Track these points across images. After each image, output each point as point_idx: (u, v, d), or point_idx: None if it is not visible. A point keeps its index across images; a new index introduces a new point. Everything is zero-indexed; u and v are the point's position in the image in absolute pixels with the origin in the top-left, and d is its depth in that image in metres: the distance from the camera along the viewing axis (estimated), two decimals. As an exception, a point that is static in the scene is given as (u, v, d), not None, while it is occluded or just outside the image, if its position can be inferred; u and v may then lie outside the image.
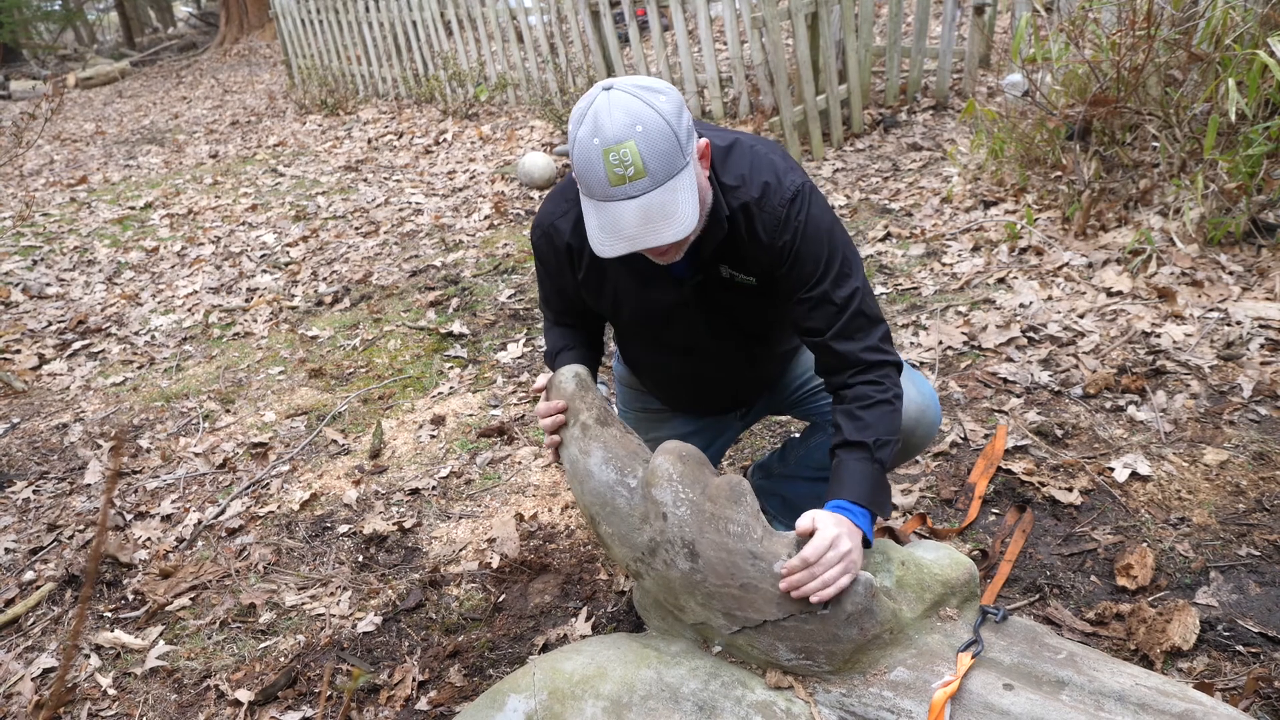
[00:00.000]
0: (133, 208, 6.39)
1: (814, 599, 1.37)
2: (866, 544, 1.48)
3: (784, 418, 2.72)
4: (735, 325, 1.73)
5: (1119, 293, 3.14)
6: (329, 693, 2.00)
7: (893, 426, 1.54)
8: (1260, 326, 2.79)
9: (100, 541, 0.72)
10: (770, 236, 1.54)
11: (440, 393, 3.27)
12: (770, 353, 1.86)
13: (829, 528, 1.39)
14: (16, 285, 4.92)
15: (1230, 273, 3.11)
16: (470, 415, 3.08)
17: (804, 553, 1.38)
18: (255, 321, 4.16)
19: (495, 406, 3.11)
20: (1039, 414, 2.58)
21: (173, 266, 5.09)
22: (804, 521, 1.42)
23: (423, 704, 1.94)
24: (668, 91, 1.40)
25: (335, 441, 3.05)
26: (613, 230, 1.39)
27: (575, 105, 1.42)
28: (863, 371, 1.56)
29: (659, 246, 1.40)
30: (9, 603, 2.45)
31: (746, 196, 1.54)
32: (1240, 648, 1.78)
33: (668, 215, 1.37)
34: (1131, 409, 2.54)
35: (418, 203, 5.61)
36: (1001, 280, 3.40)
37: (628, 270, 1.64)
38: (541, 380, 1.74)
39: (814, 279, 1.55)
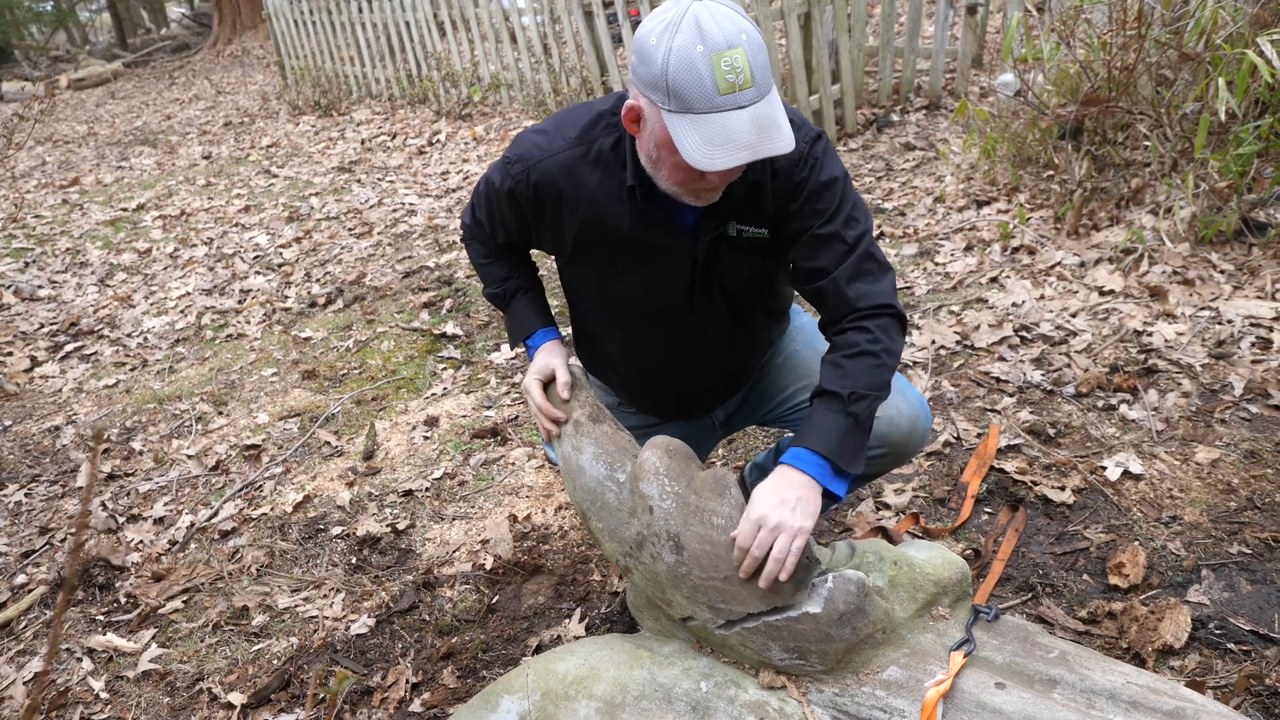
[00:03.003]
0: (125, 209, 6.37)
1: (762, 581, 1.39)
2: (832, 497, 1.47)
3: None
4: (726, 295, 1.68)
5: (1111, 292, 3.15)
6: (320, 695, 2.00)
7: (875, 381, 1.49)
8: (1251, 325, 2.80)
9: (79, 541, 0.70)
10: (789, 172, 1.52)
11: (434, 394, 3.27)
12: (750, 339, 1.81)
13: (754, 507, 1.40)
14: (8, 287, 4.91)
15: (1221, 271, 3.12)
16: (464, 416, 3.08)
17: (738, 543, 1.40)
18: (248, 323, 4.15)
19: (489, 408, 3.11)
20: (1031, 413, 2.59)
21: (165, 268, 5.08)
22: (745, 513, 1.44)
23: (416, 706, 1.94)
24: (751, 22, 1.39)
25: (328, 443, 3.04)
26: (724, 141, 1.32)
27: (646, 24, 1.34)
28: (862, 318, 1.52)
29: (769, 155, 1.35)
30: (1, 606, 2.44)
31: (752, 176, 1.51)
32: (1232, 645, 1.78)
33: (776, 126, 1.34)
34: (1123, 408, 2.55)
35: (411, 204, 5.61)
36: (994, 279, 3.41)
37: (640, 219, 1.57)
38: (533, 384, 1.72)
39: (827, 215, 1.52)
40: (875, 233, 4.02)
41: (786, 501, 1.40)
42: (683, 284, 1.65)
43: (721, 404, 1.96)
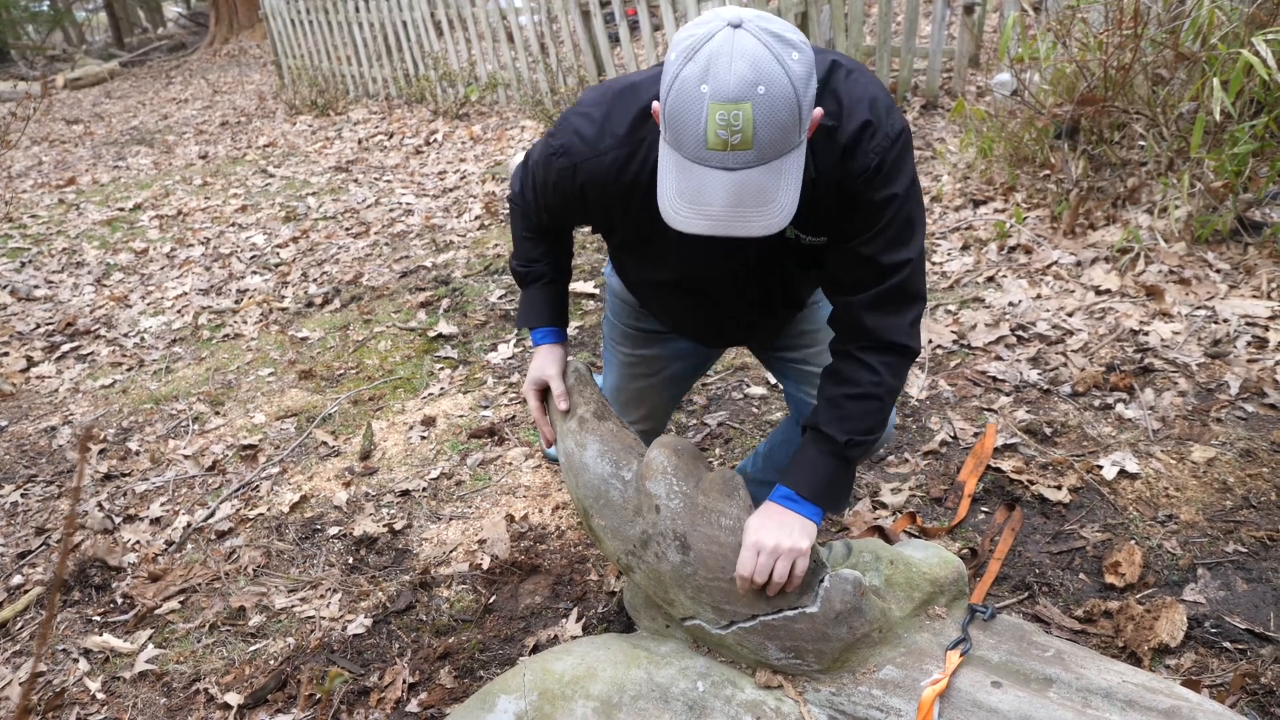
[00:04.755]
0: (122, 209, 6.36)
1: (771, 592, 1.41)
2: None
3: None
4: (782, 284, 1.58)
5: (1107, 291, 3.15)
6: (317, 695, 2.00)
7: (873, 424, 1.44)
8: (1247, 324, 2.80)
9: (68, 537, 0.71)
10: (856, 181, 1.33)
11: (431, 394, 3.26)
12: (793, 314, 1.75)
13: (750, 536, 1.41)
14: (4, 287, 4.90)
15: (1217, 271, 3.13)
16: (461, 416, 3.08)
17: (739, 571, 1.41)
18: (245, 323, 4.15)
19: (486, 407, 3.11)
20: (1028, 412, 2.59)
21: (162, 268, 5.07)
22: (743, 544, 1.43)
23: (413, 706, 1.94)
24: (802, 47, 1.15)
25: (325, 443, 3.04)
26: (694, 200, 1.18)
27: (683, 30, 1.17)
28: (872, 350, 1.43)
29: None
30: (-3, 607, 2.44)
31: (844, 137, 1.32)
32: (1227, 644, 1.79)
33: (764, 201, 1.17)
34: (1120, 407, 2.55)
35: (408, 203, 5.60)
36: (991, 279, 3.41)
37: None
38: (531, 396, 1.71)
39: (872, 233, 1.37)
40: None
41: (783, 526, 1.40)
42: (734, 276, 1.56)
43: (750, 343, 1.90)
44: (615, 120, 1.40)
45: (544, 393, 1.72)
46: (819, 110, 1.23)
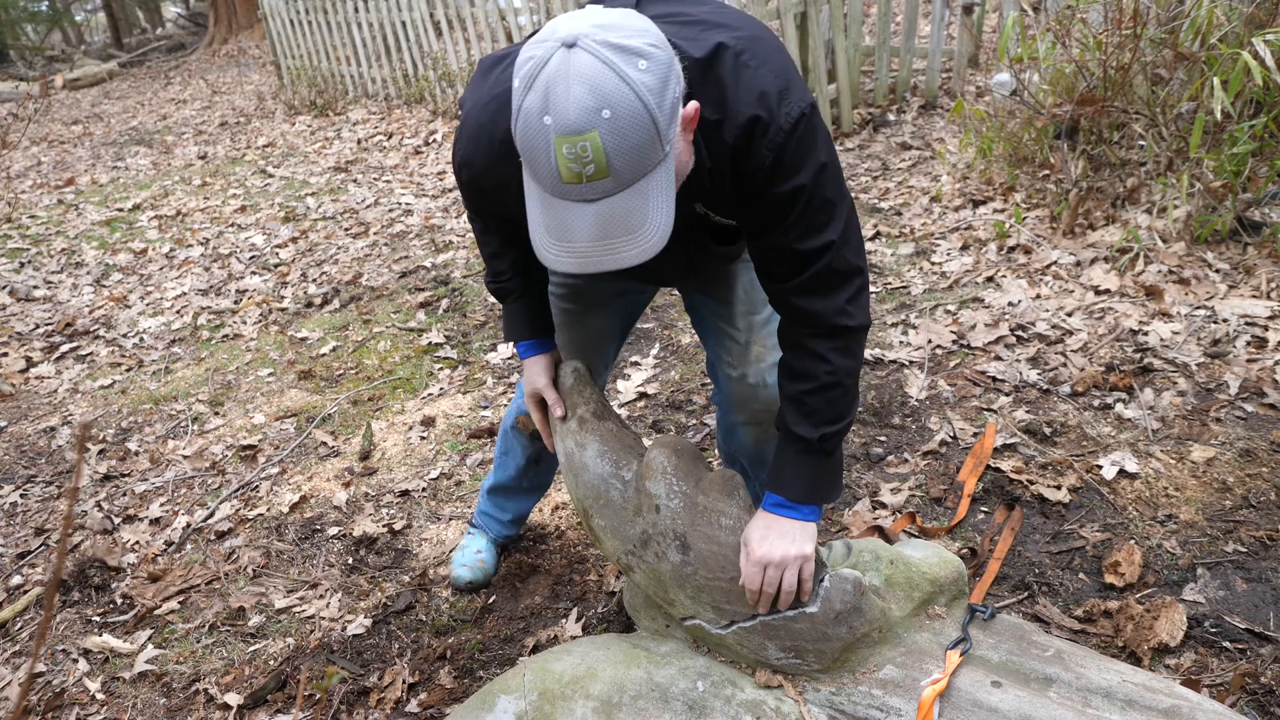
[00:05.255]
0: (121, 209, 6.36)
1: (780, 604, 1.42)
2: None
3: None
4: (702, 253, 1.51)
5: (1107, 291, 3.15)
6: (316, 695, 2.00)
7: (841, 410, 1.40)
8: (1246, 324, 2.80)
9: (65, 536, 0.70)
10: (755, 178, 1.26)
11: (430, 394, 3.26)
12: (724, 266, 1.67)
13: (752, 550, 1.40)
14: (4, 288, 4.90)
15: (1217, 271, 3.13)
16: (460, 416, 3.08)
17: (749, 587, 1.41)
18: (244, 323, 4.15)
19: (485, 408, 3.11)
20: (1027, 412, 2.59)
21: (161, 268, 5.07)
22: (743, 552, 1.43)
23: (413, 706, 1.94)
24: (652, 52, 1.06)
25: (325, 443, 3.04)
26: (560, 236, 1.12)
27: (524, 49, 1.08)
28: (816, 336, 1.37)
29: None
30: (-4, 607, 2.44)
31: (730, 136, 1.23)
32: (1227, 644, 1.79)
33: (632, 229, 1.10)
34: (1119, 407, 2.55)
35: (407, 203, 5.60)
36: (990, 279, 3.41)
37: None
38: (531, 408, 1.70)
39: (785, 225, 1.29)
40: (872, 233, 4.02)
41: (784, 535, 1.39)
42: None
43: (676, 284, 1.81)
44: (493, 127, 1.31)
45: (543, 403, 1.72)
46: (693, 105, 1.14)
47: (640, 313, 1.95)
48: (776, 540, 1.38)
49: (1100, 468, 2.32)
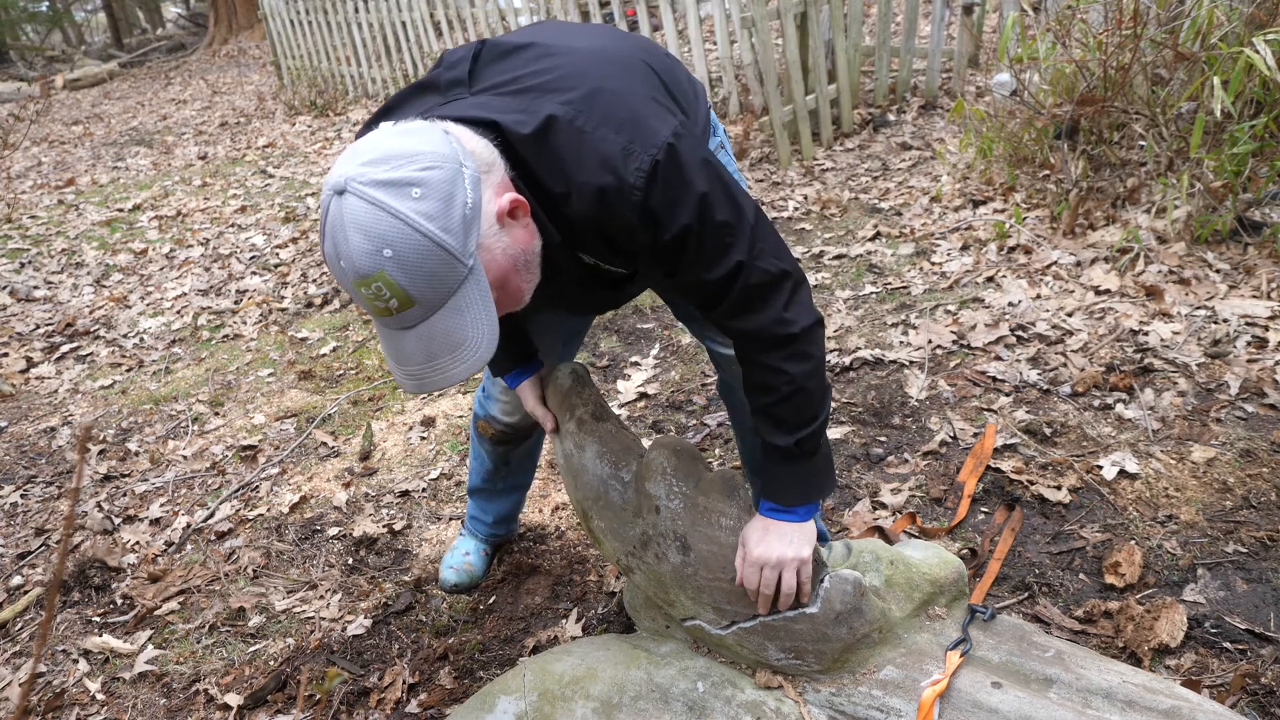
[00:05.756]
0: (121, 210, 6.36)
1: (781, 604, 1.42)
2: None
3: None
4: (607, 287, 1.46)
5: (1107, 291, 3.15)
6: (316, 695, 2.00)
7: (813, 411, 1.38)
8: (1247, 324, 2.80)
9: (67, 537, 0.70)
10: (630, 238, 1.22)
11: (430, 394, 3.26)
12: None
13: (750, 551, 1.41)
14: (4, 288, 4.90)
15: (1217, 271, 3.13)
16: (460, 416, 3.08)
17: (748, 586, 1.42)
18: (244, 324, 4.15)
19: (486, 408, 3.11)
20: (1028, 412, 2.59)
21: (161, 269, 5.07)
22: (739, 553, 1.43)
23: (413, 706, 1.94)
24: (426, 177, 1.03)
25: (325, 444, 3.04)
26: (398, 360, 1.14)
27: (323, 190, 1.09)
28: (767, 350, 1.33)
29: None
30: (-4, 608, 2.44)
31: (580, 210, 1.18)
32: (1227, 645, 1.79)
33: (454, 345, 1.10)
34: (1119, 407, 2.55)
35: (408, 204, 5.60)
36: (990, 279, 3.41)
37: None
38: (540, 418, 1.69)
39: (685, 262, 1.25)
40: (872, 233, 4.02)
41: (782, 538, 1.40)
42: (566, 299, 1.47)
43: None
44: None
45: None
46: (508, 197, 1.13)
47: (589, 325, 1.96)
48: (774, 542, 1.39)
49: (1100, 468, 2.32)
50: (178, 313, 4.38)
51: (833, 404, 2.79)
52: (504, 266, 1.15)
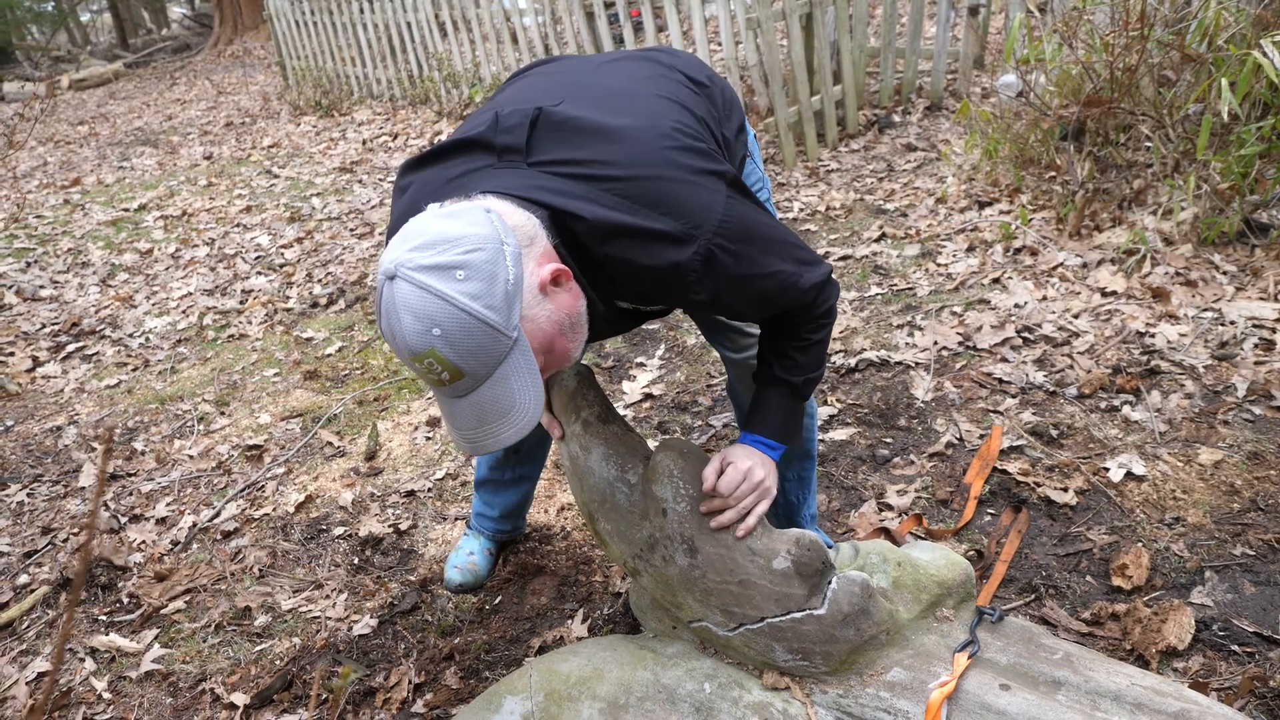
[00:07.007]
0: (127, 209, 6.38)
1: (740, 531, 1.45)
2: None
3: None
4: (637, 321, 1.60)
5: (1113, 293, 3.15)
6: (324, 695, 2.00)
7: (821, 358, 1.53)
8: (1254, 326, 2.80)
9: (87, 545, 0.70)
10: (676, 301, 1.41)
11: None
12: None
13: (741, 460, 1.46)
14: (10, 288, 4.91)
15: (1224, 273, 3.12)
16: (466, 417, 3.08)
17: (720, 486, 1.44)
18: (250, 323, 4.15)
19: (491, 408, 3.11)
20: (1034, 414, 2.59)
21: (167, 268, 5.08)
22: (714, 463, 1.47)
23: (419, 706, 1.94)
24: (469, 260, 1.11)
25: (330, 444, 3.04)
26: (453, 424, 1.23)
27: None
28: (799, 324, 1.49)
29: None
30: (3, 606, 2.44)
31: (634, 288, 1.31)
32: (1235, 647, 1.78)
33: (503, 412, 1.19)
34: (1126, 409, 2.55)
35: (413, 204, 5.60)
36: (996, 280, 3.41)
37: None
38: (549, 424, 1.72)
39: (741, 310, 1.45)
40: (877, 234, 4.02)
41: (764, 465, 1.48)
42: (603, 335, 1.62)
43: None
44: None
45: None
46: (549, 269, 1.19)
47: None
48: (758, 468, 1.46)
49: (1107, 470, 2.31)
50: (183, 312, 4.39)
51: (838, 405, 2.79)
52: (549, 333, 1.22)
